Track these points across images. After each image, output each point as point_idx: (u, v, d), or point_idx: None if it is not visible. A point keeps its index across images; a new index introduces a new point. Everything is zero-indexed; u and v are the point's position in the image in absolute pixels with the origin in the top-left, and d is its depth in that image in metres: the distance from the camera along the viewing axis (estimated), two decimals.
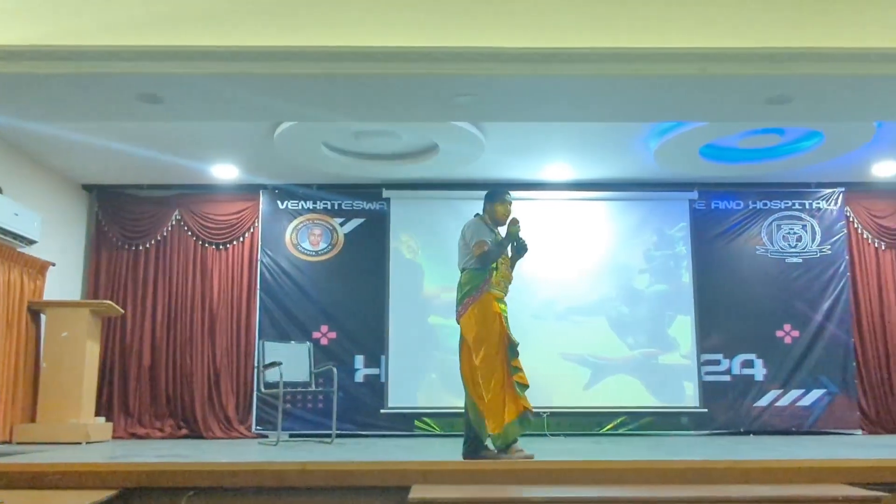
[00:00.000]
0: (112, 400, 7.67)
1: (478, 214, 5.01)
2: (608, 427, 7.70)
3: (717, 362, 7.91)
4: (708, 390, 7.82)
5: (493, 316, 4.73)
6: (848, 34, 4.05)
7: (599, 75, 4.15)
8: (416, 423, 7.69)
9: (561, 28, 4.04)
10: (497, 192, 5.00)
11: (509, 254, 4.98)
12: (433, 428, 7.69)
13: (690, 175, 7.84)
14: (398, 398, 7.75)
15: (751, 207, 8.22)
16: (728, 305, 7.98)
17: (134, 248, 8.07)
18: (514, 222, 4.86)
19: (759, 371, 7.87)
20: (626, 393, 7.82)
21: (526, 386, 4.72)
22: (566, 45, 4.01)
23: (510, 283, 4.99)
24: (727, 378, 7.87)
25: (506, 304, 4.90)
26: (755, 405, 7.78)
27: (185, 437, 7.60)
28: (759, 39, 4.03)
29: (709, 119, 5.90)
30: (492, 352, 4.66)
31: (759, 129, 6.69)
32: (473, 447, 4.70)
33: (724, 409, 7.79)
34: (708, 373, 7.88)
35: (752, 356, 7.90)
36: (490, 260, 4.77)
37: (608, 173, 7.87)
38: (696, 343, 7.92)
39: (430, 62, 4.03)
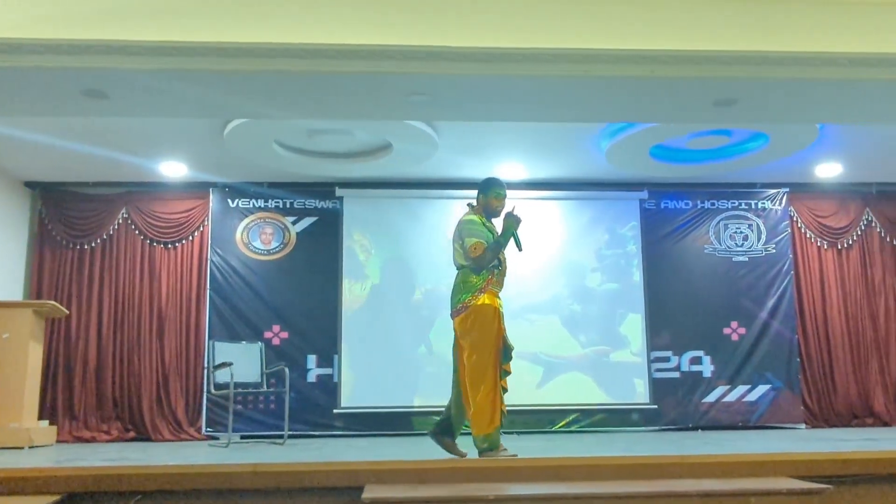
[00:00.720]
0: (56, 403, 7.47)
1: (471, 205, 4.91)
2: (561, 424, 7.77)
3: (667, 359, 8.05)
4: (658, 387, 7.95)
5: (493, 318, 4.65)
6: (792, 38, 4.15)
7: (551, 76, 4.18)
8: (369, 422, 7.64)
9: (513, 28, 4.06)
10: (491, 185, 4.86)
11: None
12: (386, 427, 7.65)
13: (641, 175, 7.96)
14: (351, 398, 7.71)
15: (699, 207, 8.38)
16: (677, 303, 8.13)
17: (79, 246, 7.87)
18: (511, 216, 4.75)
19: (707, 367, 8.03)
20: (578, 390, 7.90)
21: (505, 390, 4.72)
22: (518, 45, 4.03)
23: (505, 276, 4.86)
24: (676, 375, 8.01)
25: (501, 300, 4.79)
26: (703, 401, 7.94)
27: (133, 440, 7.45)
28: (706, 42, 4.11)
29: (658, 120, 5.99)
30: (486, 357, 4.59)
31: (707, 131, 6.82)
32: (441, 429, 4.68)
33: (673, 405, 7.93)
34: (658, 370, 8.01)
35: (700, 353, 8.05)
36: (486, 264, 4.69)
37: (560, 173, 7.95)
38: (646, 340, 8.05)
39: (382, 60, 4.01)
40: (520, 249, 4.81)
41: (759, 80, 4.31)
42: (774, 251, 8.28)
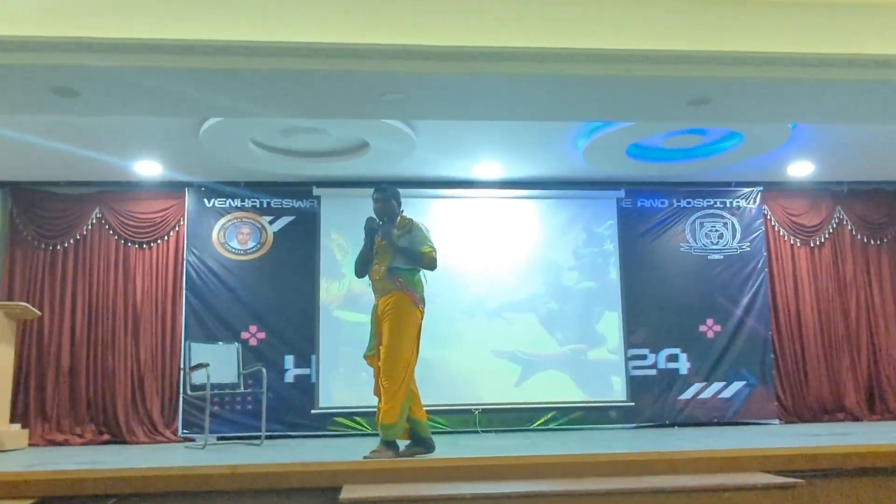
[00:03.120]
0: (28, 405, 7.36)
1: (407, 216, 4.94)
2: (539, 422, 7.80)
3: (644, 357, 8.10)
4: (635, 384, 8.00)
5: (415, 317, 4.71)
6: (764, 39, 4.20)
7: (525, 74, 4.19)
8: (347, 422, 7.63)
9: (487, 27, 4.06)
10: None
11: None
12: (364, 427, 7.64)
13: (617, 174, 8.01)
14: (328, 398, 7.69)
15: (675, 206, 8.44)
16: (654, 301, 8.18)
17: (51, 247, 7.77)
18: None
19: (684, 365, 8.09)
20: (556, 388, 7.93)
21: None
22: (492, 44, 4.04)
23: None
24: (653, 372, 8.07)
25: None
26: (680, 398, 8.00)
27: (108, 442, 7.36)
28: (680, 42, 4.15)
29: (633, 119, 6.04)
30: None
31: (683, 130, 6.88)
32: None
33: (650, 402, 7.98)
34: (635, 367, 8.06)
35: (676, 350, 8.11)
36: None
37: (538, 172, 7.97)
38: (623, 338, 8.10)
39: (356, 59, 4.00)
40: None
41: (733, 80, 4.36)
42: (749, 249, 8.36)
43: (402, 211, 4.95)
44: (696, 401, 8.01)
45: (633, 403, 7.93)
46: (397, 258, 4.70)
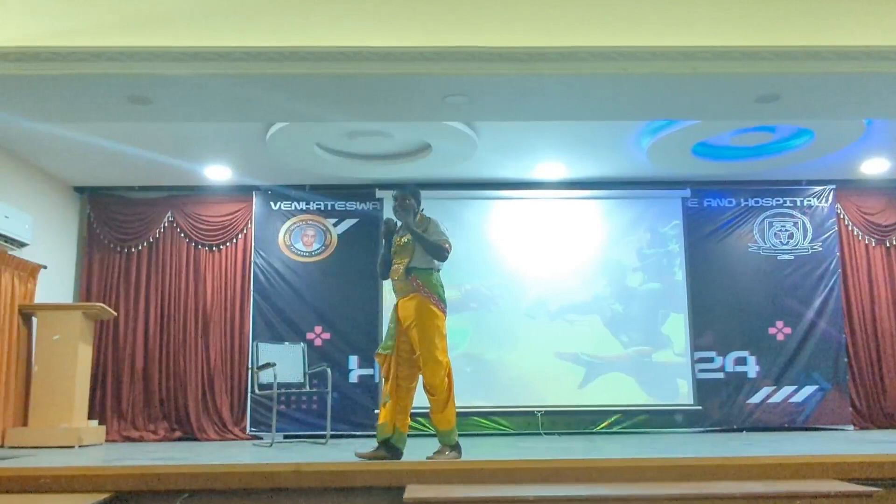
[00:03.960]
0: (105, 403, 7.65)
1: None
2: (602, 425, 7.72)
3: (711, 360, 7.94)
4: (702, 388, 7.85)
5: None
6: (836, 32, 4.07)
7: (589, 74, 4.15)
8: (410, 422, 7.66)
9: (550, 27, 4.04)
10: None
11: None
12: (426, 428, 7.68)
13: (683, 173, 7.87)
14: None
15: (743, 205, 8.25)
16: (721, 303, 8.01)
17: (126, 250, 8.05)
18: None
19: (752, 368, 7.90)
20: (620, 391, 7.84)
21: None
22: (556, 44, 4.01)
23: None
24: (721, 375, 7.90)
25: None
26: (748, 402, 7.82)
27: (180, 439, 7.58)
28: (747, 38, 4.05)
29: (699, 117, 5.91)
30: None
31: (751, 127, 6.72)
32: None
33: (717, 406, 7.82)
34: (701, 370, 7.91)
35: (744, 353, 7.93)
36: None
37: (601, 172, 7.89)
38: (689, 341, 7.95)
39: (420, 62, 4.03)
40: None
41: (803, 76, 4.23)
42: (821, 249, 8.11)
43: (423, 210, 4.96)
44: (765, 405, 7.81)
45: (699, 407, 7.78)
46: (416, 255, 4.71)
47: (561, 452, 5.47)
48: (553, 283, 8.08)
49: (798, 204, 8.23)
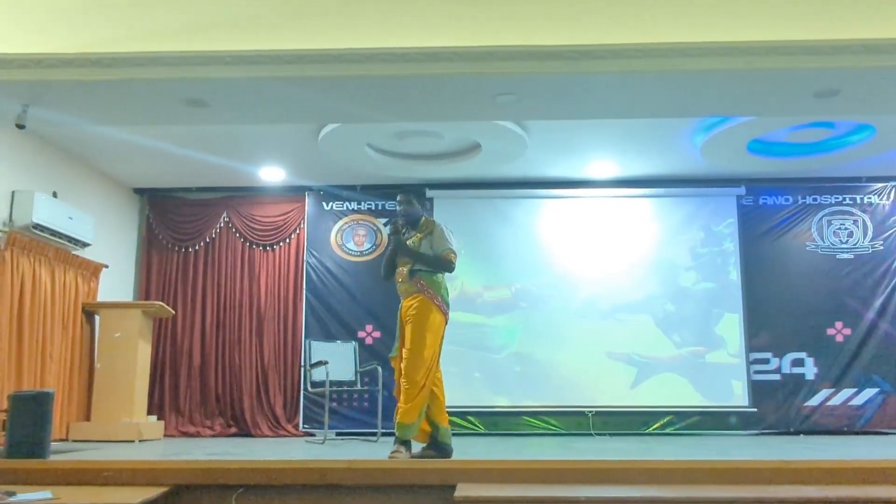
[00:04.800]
0: (163, 399, 7.85)
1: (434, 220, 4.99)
2: (654, 426, 7.63)
3: (767, 361, 7.78)
4: (757, 389, 7.70)
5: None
6: None
7: (640, 71, 4.10)
8: (460, 421, 7.70)
9: (600, 24, 4.01)
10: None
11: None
12: (477, 426, 7.70)
13: (737, 170, 7.72)
14: None
15: (800, 203, 8.07)
16: (777, 303, 7.84)
17: (184, 249, 8.24)
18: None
19: (810, 370, 7.72)
20: (672, 392, 7.74)
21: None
22: (605, 41, 3.98)
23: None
24: (777, 377, 7.74)
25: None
26: (806, 404, 7.64)
27: (235, 435, 7.74)
28: (805, 32, 3.95)
29: (755, 114, 5.79)
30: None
31: (809, 123, 6.55)
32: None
33: (773, 408, 7.66)
34: (757, 371, 7.76)
35: (802, 355, 7.75)
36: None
37: (653, 170, 7.80)
38: (744, 341, 7.80)
39: (469, 62, 4.03)
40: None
41: (863, 70, 4.11)
42: (882, 248, 7.88)
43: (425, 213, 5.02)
44: (823, 408, 7.62)
45: (755, 409, 7.64)
46: (417, 262, 4.73)
47: (612, 453, 5.43)
48: (604, 282, 8.01)
49: (858, 201, 8.01)
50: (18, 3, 4.06)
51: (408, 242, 4.82)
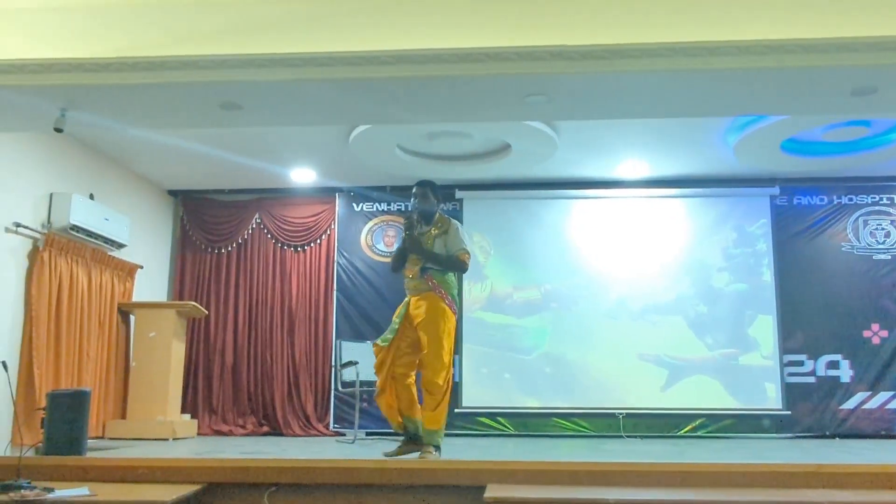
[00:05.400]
0: (197, 398, 7.95)
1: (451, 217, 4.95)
2: (686, 429, 7.56)
3: (801, 363, 7.67)
4: (791, 392, 7.59)
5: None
6: None
7: (671, 70, 4.07)
8: (490, 422, 7.70)
9: (630, 24, 3.98)
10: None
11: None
12: (507, 428, 7.69)
13: (771, 170, 7.62)
14: (472, 398, 7.78)
15: (835, 202, 7.94)
16: (812, 304, 7.73)
17: (217, 250, 8.35)
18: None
19: (846, 372, 7.60)
20: (704, 394, 7.66)
21: None
22: (636, 40, 3.95)
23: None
24: (812, 379, 7.62)
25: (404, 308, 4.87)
26: (841, 408, 7.52)
27: (266, 434, 7.81)
28: (838, 29, 3.89)
29: (789, 112, 5.72)
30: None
31: (844, 122, 6.45)
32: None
33: (808, 411, 7.55)
34: (791, 374, 7.65)
35: (837, 357, 7.63)
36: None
37: (685, 169, 7.73)
38: (778, 343, 7.70)
39: (500, 62, 4.03)
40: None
41: None
42: None
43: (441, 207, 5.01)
44: (860, 411, 7.49)
45: (789, 412, 7.53)
46: (429, 261, 4.72)
47: (643, 456, 5.39)
48: (635, 283, 7.96)
49: (895, 201, 7.86)
50: (59, 9, 4.15)
51: (421, 238, 4.82)
